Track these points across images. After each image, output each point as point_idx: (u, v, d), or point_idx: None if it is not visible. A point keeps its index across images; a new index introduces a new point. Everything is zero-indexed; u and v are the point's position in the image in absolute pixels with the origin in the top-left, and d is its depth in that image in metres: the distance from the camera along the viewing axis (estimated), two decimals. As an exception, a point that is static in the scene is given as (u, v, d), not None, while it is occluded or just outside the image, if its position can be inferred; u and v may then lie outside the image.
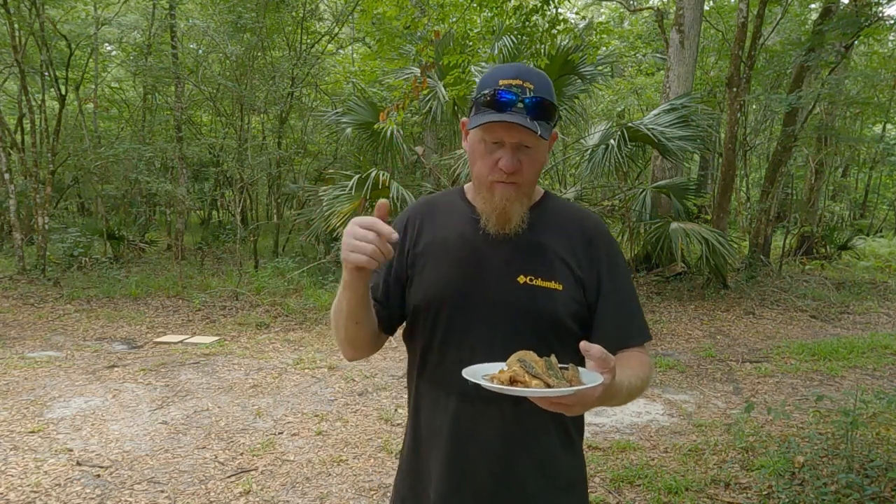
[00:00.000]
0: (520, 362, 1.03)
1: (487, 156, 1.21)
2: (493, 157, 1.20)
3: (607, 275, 1.27)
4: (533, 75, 1.20)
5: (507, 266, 1.24)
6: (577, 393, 0.96)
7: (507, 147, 1.19)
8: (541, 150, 1.23)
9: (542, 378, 0.98)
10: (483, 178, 1.23)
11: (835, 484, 2.93)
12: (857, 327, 7.32)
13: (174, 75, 10.84)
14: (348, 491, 3.23)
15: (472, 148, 1.25)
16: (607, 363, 0.98)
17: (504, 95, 1.16)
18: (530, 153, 1.21)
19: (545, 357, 1.04)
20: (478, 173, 1.24)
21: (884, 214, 20.58)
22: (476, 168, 1.24)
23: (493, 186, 1.22)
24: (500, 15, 6.02)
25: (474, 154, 1.24)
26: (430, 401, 1.28)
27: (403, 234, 1.33)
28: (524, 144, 1.19)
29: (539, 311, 1.22)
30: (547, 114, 1.17)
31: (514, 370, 1.01)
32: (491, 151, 1.20)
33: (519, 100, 1.16)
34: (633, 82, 14.48)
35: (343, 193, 7.65)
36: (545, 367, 1.01)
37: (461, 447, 1.23)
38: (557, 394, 0.96)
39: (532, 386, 0.97)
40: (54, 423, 4.03)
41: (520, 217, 1.24)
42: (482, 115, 1.18)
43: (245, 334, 6.60)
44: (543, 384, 0.97)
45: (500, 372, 1.05)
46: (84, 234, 10.19)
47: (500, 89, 1.17)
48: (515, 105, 1.16)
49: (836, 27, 8.80)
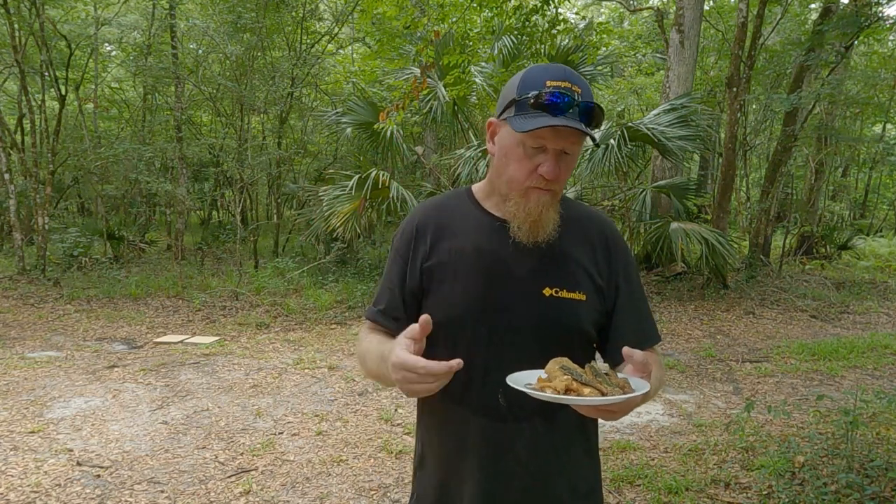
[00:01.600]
0: (565, 370, 1.01)
1: (526, 160, 1.15)
2: (533, 161, 1.14)
3: (624, 281, 1.26)
4: (579, 79, 1.15)
5: (532, 278, 1.19)
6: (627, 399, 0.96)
7: (551, 153, 1.13)
8: (576, 156, 1.19)
9: (594, 385, 0.97)
10: (518, 184, 1.17)
11: (835, 484, 2.93)
12: (857, 327, 7.32)
13: (174, 75, 10.84)
14: (348, 491, 3.23)
15: (507, 150, 1.17)
16: (647, 368, 1.00)
17: (555, 98, 1.10)
18: (568, 160, 1.16)
19: (589, 364, 1.03)
20: (512, 177, 1.17)
21: (884, 214, 20.59)
22: (510, 171, 1.17)
23: (528, 192, 1.16)
24: (500, 15, 6.02)
25: (508, 157, 1.17)
26: (456, 419, 1.23)
27: (413, 245, 1.26)
28: (565, 151, 1.15)
29: (566, 324, 1.19)
30: (597, 119, 1.14)
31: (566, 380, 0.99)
32: (531, 156, 1.14)
33: (572, 104, 1.10)
34: (633, 82, 14.48)
35: (343, 193, 7.65)
36: (593, 374, 1.00)
37: (494, 466, 1.20)
38: (615, 401, 0.95)
39: (585, 394, 0.96)
40: (54, 423, 4.03)
41: (552, 224, 1.19)
42: (532, 118, 1.11)
43: (245, 334, 6.60)
44: (597, 392, 0.96)
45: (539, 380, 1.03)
46: (84, 234, 10.19)
47: (550, 92, 1.11)
48: (568, 110, 1.10)
49: (836, 27, 8.80)
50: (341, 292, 8.19)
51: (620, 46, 14.51)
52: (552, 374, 1.03)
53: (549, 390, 0.98)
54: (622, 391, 0.97)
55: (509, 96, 1.17)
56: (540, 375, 1.04)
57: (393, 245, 1.31)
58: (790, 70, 11.09)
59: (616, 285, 1.25)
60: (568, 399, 0.96)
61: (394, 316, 1.25)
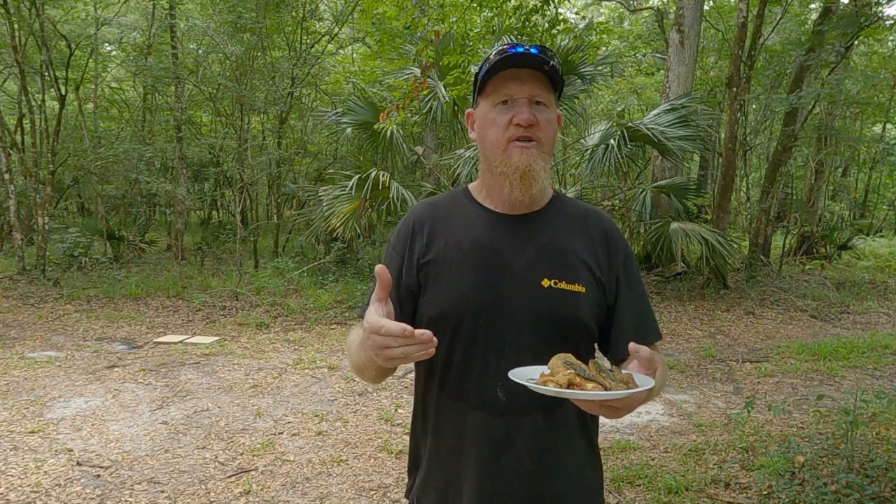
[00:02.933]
0: (569, 366, 1.00)
1: (500, 117, 1.16)
2: (507, 116, 1.15)
3: (624, 276, 1.25)
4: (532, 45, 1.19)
5: (531, 269, 1.18)
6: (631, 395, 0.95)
7: (521, 102, 1.15)
8: (553, 109, 1.19)
9: (597, 381, 0.96)
10: (498, 143, 1.17)
11: (835, 484, 2.93)
12: (857, 327, 7.32)
13: (174, 75, 10.84)
14: (348, 491, 3.23)
15: (483, 121, 1.20)
16: (654, 364, 0.98)
17: (509, 50, 1.14)
18: (544, 112, 1.17)
19: (593, 360, 1.02)
20: (492, 141, 1.18)
21: (884, 214, 20.59)
22: (489, 137, 1.18)
23: (508, 147, 1.16)
24: (500, 15, 6.02)
25: (485, 126, 1.19)
26: (455, 414, 1.21)
27: (410, 241, 1.25)
28: (536, 99, 1.16)
29: (565, 316, 1.18)
30: (551, 59, 1.15)
31: (569, 374, 0.98)
32: (504, 113, 1.16)
33: (522, 50, 1.14)
34: (633, 82, 14.48)
35: (343, 193, 7.65)
36: (597, 370, 0.99)
37: (495, 461, 1.18)
38: (619, 396, 0.94)
39: (588, 389, 0.95)
40: (54, 424, 4.03)
41: (543, 178, 1.17)
42: (489, 76, 1.16)
43: (245, 334, 6.60)
44: (600, 387, 0.95)
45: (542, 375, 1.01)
46: (84, 234, 10.19)
47: (501, 49, 1.15)
48: (523, 55, 1.14)
49: (836, 27, 8.80)
50: (341, 292, 8.19)
51: (620, 46, 14.50)
52: (555, 369, 1.02)
53: (551, 384, 0.97)
54: (626, 387, 0.95)
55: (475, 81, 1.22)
56: (543, 371, 1.03)
57: (389, 243, 1.30)
58: (790, 70, 11.09)
59: (616, 281, 1.25)
60: (570, 393, 0.94)
61: None
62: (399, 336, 0.93)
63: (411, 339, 0.93)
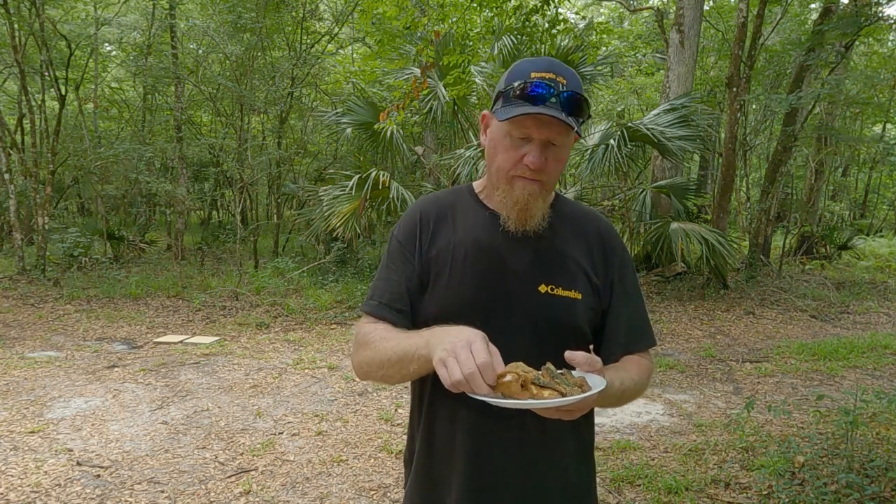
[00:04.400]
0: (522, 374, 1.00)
1: (512, 150, 1.16)
2: (519, 152, 1.16)
3: (619, 282, 1.26)
4: (564, 70, 1.16)
5: (528, 273, 1.19)
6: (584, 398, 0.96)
7: (536, 143, 1.14)
8: (567, 148, 1.19)
9: (552, 387, 0.97)
10: (504, 172, 1.18)
11: (835, 484, 2.93)
12: (857, 327, 7.32)
13: (174, 75, 10.85)
14: (348, 491, 3.23)
15: (496, 141, 1.19)
16: (594, 365, 1.03)
17: (537, 89, 1.12)
18: (556, 151, 1.17)
19: (545, 366, 1.02)
20: (499, 166, 1.19)
21: (884, 214, 20.59)
22: (497, 161, 1.19)
23: (513, 180, 1.17)
24: (500, 15, 6.02)
25: (497, 147, 1.19)
26: (447, 413, 1.22)
27: (418, 233, 1.25)
28: (552, 142, 1.15)
29: (561, 322, 1.19)
30: (580, 110, 1.14)
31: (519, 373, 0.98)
32: (517, 147, 1.16)
33: (554, 94, 1.12)
34: (633, 82, 14.48)
35: (343, 193, 7.65)
36: (550, 376, 0.99)
37: (483, 462, 1.19)
38: (574, 401, 0.95)
39: (545, 397, 0.96)
40: (54, 424, 4.03)
41: (541, 214, 1.20)
42: (513, 107, 1.13)
43: (245, 334, 6.60)
44: (557, 393, 0.96)
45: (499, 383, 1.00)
46: (84, 234, 10.19)
47: (533, 82, 1.12)
48: (549, 99, 1.11)
49: (836, 27, 8.80)
50: (341, 292, 8.19)
51: (620, 46, 14.50)
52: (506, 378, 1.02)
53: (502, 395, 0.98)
54: (581, 390, 0.97)
55: (498, 88, 1.20)
56: None
57: (394, 237, 1.28)
58: (790, 70, 11.09)
59: (611, 285, 1.25)
60: (526, 403, 0.95)
61: (397, 307, 1.21)
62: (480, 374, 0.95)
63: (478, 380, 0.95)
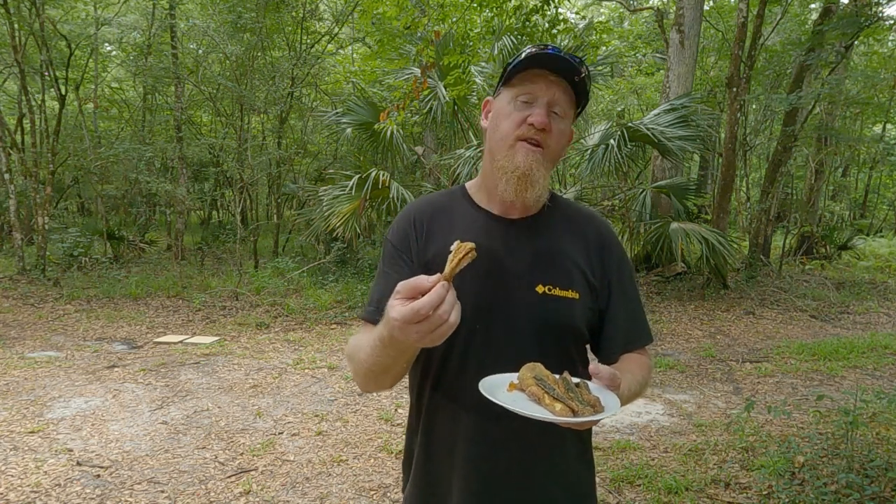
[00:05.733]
0: (537, 381, 1.00)
1: (516, 113, 1.16)
2: (523, 114, 1.16)
3: (617, 281, 1.26)
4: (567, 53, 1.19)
5: (526, 274, 1.19)
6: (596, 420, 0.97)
7: (541, 103, 1.15)
8: (568, 122, 1.20)
9: (565, 402, 0.97)
10: (507, 136, 1.17)
11: (835, 484, 2.93)
12: (857, 327, 7.32)
13: (174, 75, 10.84)
14: (348, 491, 3.23)
15: (499, 112, 1.19)
16: (615, 381, 1.03)
17: (547, 50, 1.14)
18: (559, 122, 1.18)
19: (561, 375, 1.02)
20: (502, 132, 1.18)
21: (884, 214, 20.59)
22: (501, 128, 1.18)
23: (515, 144, 1.16)
24: (500, 15, 6.02)
25: (500, 118, 1.19)
26: (448, 415, 1.22)
27: (413, 236, 1.25)
28: (554, 110, 1.16)
29: (559, 322, 1.19)
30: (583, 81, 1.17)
31: (533, 390, 0.99)
32: (520, 110, 1.16)
33: (562, 55, 1.14)
34: (633, 82, 14.48)
35: (343, 193, 7.64)
36: (565, 389, 0.99)
37: (484, 464, 1.19)
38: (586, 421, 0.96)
39: (556, 409, 0.96)
40: (54, 423, 4.03)
41: (541, 186, 1.17)
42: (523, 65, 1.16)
43: (245, 334, 6.60)
44: (568, 409, 0.96)
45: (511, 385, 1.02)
46: (84, 234, 10.19)
47: (542, 46, 1.16)
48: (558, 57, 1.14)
49: (836, 27, 8.80)
50: (341, 292, 8.19)
51: (620, 46, 14.49)
52: (524, 381, 1.02)
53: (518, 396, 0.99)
54: (593, 410, 0.97)
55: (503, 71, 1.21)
56: (512, 380, 1.04)
57: (388, 242, 1.29)
58: (790, 70, 11.09)
59: (609, 285, 1.25)
60: (538, 416, 0.95)
61: None
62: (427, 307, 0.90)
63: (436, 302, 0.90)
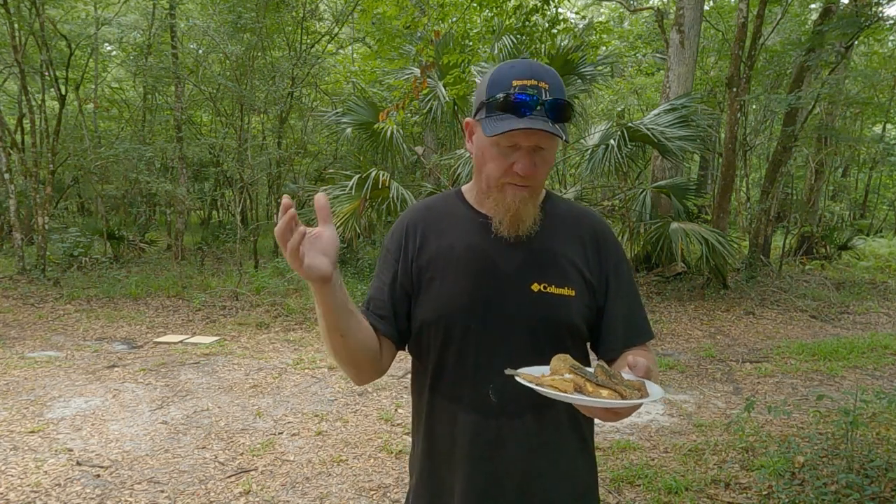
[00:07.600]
0: (575, 370, 1.00)
1: (501, 158, 1.16)
2: (508, 160, 1.15)
3: (614, 277, 1.26)
4: (546, 74, 1.15)
5: (520, 273, 1.20)
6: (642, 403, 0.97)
7: (525, 151, 1.14)
8: (553, 150, 1.19)
9: (611, 387, 0.96)
10: (494, 180, 1.18)
11: (835, 484, 2.93)
12: (857, 327, 7.32)
13: (174, 75, 10.84)
14: (348, 491, 3.23)
15: (483, 150, 1.19)
16: (650, 373, 1.04)
17: (521, 97, 1.11)
18: (544, 154, 1.17)
19: (598, 364, 1.02)
20: (489, 175, 1.19)
21: (884, 214, 20.59)
22: (487, 169, 1.19)
23: (504, 188, 1.18)
24: (500, 15, 6.03)
25: (484, 156, 1.19)
26: (447, 416, 1.23)
27: (404, 243, 1.26)
28: (539, 147, 1.16)
29: (555, 320, 1.19)
30: (565, 115, 1.14)
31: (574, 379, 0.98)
32: (505, 155, 1.15)
33: (538, 102, 1.11)
34: (633, 82, 14.48)
35: (343, 193, 7.64)
36: (606, 375, 0.98)
37: (485, 463, 1.19)
38: (637, 404, 0.95)
39: (603, 396, 0.95)
40: (54, 423, 4.03)
41: (532, 218, 1.20)
42: (500, 121, 1.12)
43: (245, 334, 6.59)
44: (616, 394, 0.95)
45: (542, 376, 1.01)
46: (84, 234, 10.19)
47: (516, 92, 1.11)
48: (534, 108, 1.11)
49: (836, 27, 8.80)
50: (341, 292, 8.17)
51: (620, 46, 14.49)
52: (556, 370, 1.01)
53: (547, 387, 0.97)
54: (639, 394, 0.96)
55: (480, 98, 1.19)
56: (544, 372, 1.03)
57: (384, 246, 1.31)
58: (790, 70, 11.09)
59: (606, 281, 1.25)
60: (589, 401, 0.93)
61: (379, 314, 1.23)
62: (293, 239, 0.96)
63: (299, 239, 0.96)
